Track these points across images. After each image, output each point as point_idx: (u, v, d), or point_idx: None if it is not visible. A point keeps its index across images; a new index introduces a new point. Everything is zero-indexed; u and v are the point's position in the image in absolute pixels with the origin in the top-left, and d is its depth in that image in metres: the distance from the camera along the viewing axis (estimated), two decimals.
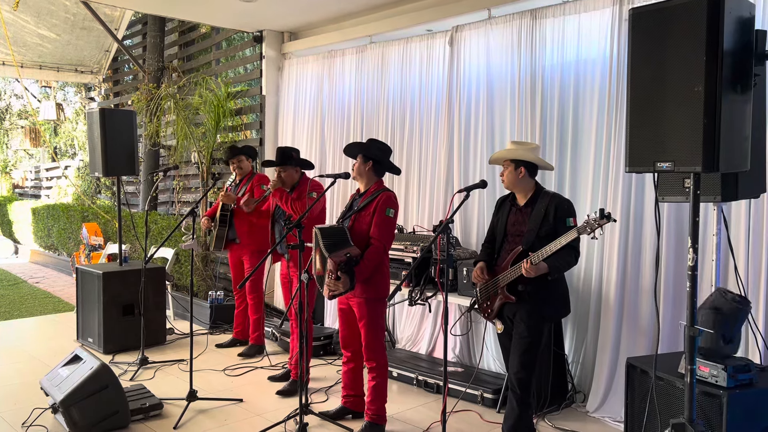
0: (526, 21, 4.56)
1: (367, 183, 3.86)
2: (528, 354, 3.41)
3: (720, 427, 2.64)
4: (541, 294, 3.41)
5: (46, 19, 8.37)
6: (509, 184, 3.55)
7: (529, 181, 3.53)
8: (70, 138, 14.22)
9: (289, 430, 3.75)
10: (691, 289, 2.43)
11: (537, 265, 3.32)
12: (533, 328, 3.41)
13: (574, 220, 3.40)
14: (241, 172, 5.49)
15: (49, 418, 3.93)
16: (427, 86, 5.36)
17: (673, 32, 2.27)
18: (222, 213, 5.33)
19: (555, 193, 3.54)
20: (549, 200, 3.45)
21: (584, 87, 4.32)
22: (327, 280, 3.64)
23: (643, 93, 2.37)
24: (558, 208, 3.41)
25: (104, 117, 5.60)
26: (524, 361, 3.41)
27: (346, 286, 3.59)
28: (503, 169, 3.56)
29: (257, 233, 5.29)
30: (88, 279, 5.70)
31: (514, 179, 3.52)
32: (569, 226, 3.34)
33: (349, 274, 3.57)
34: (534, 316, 3.42)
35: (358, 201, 3.87)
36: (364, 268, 3.65)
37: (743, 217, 3.50)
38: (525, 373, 3.41)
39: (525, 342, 3.42)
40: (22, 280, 9.46)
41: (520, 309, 3.45)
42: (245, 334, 5.59)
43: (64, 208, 10.57)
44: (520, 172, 3.49)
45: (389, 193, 3.81)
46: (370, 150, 3.86)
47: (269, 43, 6.77)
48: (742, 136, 2.36)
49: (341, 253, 3.58)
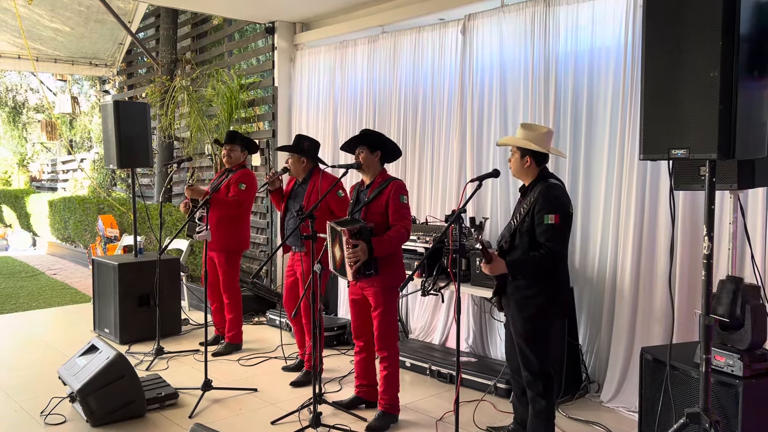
0: (539, 8, 4.51)
1: (373, 173, 3.86)
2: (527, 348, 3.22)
3: (735, 416, 2.62)
4: (520, 294, 3.20)
5: (59, 12, 8.43)
6: (515, 172, 3.35)
7: (535, 169, 3.27)
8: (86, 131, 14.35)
9: (303, 419, 3.78)
10: (706, 277, 2.40)
11: (492, 264, 3.15)
12: (525, 321, 3.21)
13: (555, 218, 3.08)
14: (230, 161, 5.17)
15: (67, 407, 3.98)
16: (439, 76, 5.32)
17: (688, 17, 2.23)
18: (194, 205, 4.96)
19: (549, 183, 3.22)
20: (539, 191, 3.18)
21: (598, 75, 4.27)
22: (346, 253, 3.55)
23: (657, 79, 2.33)
24: (538, 201, 3.14)
25: (118, 109, 5.63)
26: (526, 355, 3.23)
27: (365, 253, 3.53)
28: (511, 154, 3.36)
29: (228, 232, 5.07)
30: (104, 270, 5.76)
31: (519, 167, 3.29)
32: (547, 223, 3.09)
33: (365, 240, 3.54)
34: (519, 310, 3.22)
35: (365, 192, 3.86)
36: (386, 243, 3.62)
37: (760, 205, 3.45)
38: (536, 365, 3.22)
39: (520, 336, 3.25)
40: (40, 271, 9.59)
41: (510, 302, 3.29)
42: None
43: (80, 200, 10.68)
44: (526, 162, 3.26)
45: (399, 182, 3.82)
46: (374, 139, 3.84)
47: (281, 34, 6.77)
48: (759, 122, 2.32)
49: (354, 225, 3.58)
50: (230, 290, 5.24)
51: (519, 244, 3.22)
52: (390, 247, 3.66)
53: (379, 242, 3.61)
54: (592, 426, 3.80)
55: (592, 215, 4.32)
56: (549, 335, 3.28)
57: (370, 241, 3.58)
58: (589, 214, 4.32)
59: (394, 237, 3.68)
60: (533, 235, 3.16)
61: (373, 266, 3.60)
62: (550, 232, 3.11)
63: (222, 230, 5.04)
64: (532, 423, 3.32)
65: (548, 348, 3.29)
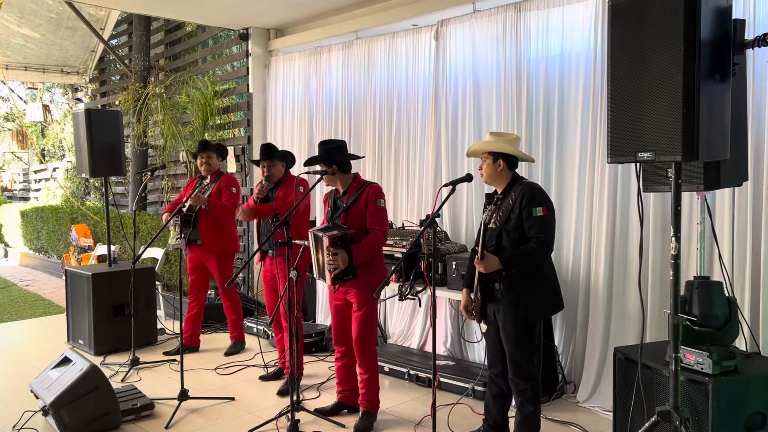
0: (510, 14, 4.56)
1: (344, 182, 3.89)
2: (519, 353, 3.26)
3: (706, 413, 2.66)
4: (514, 291, 3.23)
5: (29, 18, 8.30)
6: (488, 178, 3.37)
7: (508, 173, 3.35)
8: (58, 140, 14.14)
9: (281, 427, 3.76)
10: (674, 277, 2.45)
11: (484, 261, 3.18)
12: (517, 325, 3.25)
13: (543, 210, 3.19)
14: (208, 169, 5.28)
15: (39, 420, 3.91)
16: (413, 81, 5.36)
17: (651, 23, 2.28)
18: (187, 213, 5.14)
19: (529, 182, 3.35)
20: (520, 190, 3.26)
21: (569, 79, 4.33)
22: (326, 260, 3.62)
23: (623, 84, 2.38)
24: (524, 197, 3.22)
25: (90, 118, 5.57)
26: (517, 361, 3.27)
27: (345, 261, 3.59)
28: (482, 162, 3.38)
29: (222, 237, 5.23)
30: (77, 281, 5.67)
31: (492, 172, 3.33)
32: (535, 216, 3.17)
33: (345, 249, 3.59)
34: (512, 314, 3.24)
35: (342, 199, 3.89)
36: (364, 250, 3.68)
37: (727, 206, 3.52)
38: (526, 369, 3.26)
39: (511, 341, 3.27)
40: (12, 283, 9.40)
41: (500, 308, 3.30)
42: (194, 339, 5.53)
43: (53, 210, 10.52)
44: (499, 165, 3.31)
45: (376, 186, 3.87)
46: (334, 158, 3.82)
47: (255, 40, 6.75)
48: (722, 124, 2.38)
49: (335, 232, 3.62)
50: (229, 293, 5.39)
51: (506, 243, 3.25)
52: (369, 254, 3.73)
53: (358, 250, 3.67)
54: (569, 426, 3.84)
55: (565, 217, 4.37)
56: (537, 337, 3.34)
57: (350, 248, 3.63)
58: (562, 217, 4.37)
59: (372, 243, 3.74)
60: (521, 232, 3.22)
61: (351, 272, 3.65)
62: (540, 224, 3.19)
63: (219, 236, 5.22)
64: (519, 428, 3.36)
65: (538, 350, 3.35)
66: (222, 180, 5.27)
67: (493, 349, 3.48)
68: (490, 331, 3.44)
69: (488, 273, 3.25)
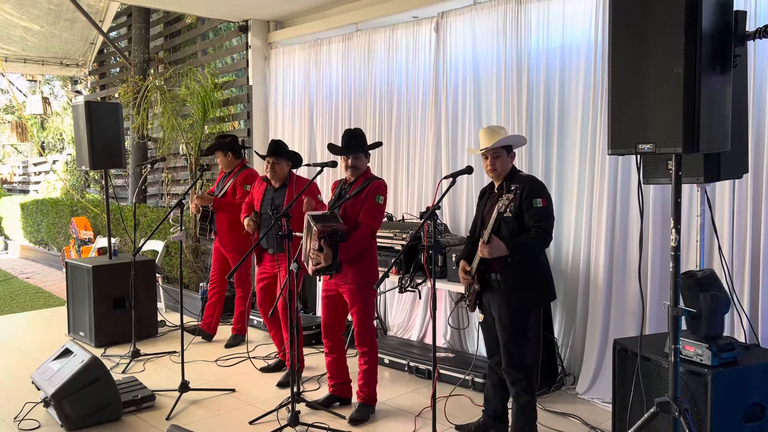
0: (511, 6, 4.54)
1: (356, 173, 3.90)
2: (514, 343, 3.30)
3: (705, 404, 2.67)
4: (511, 281, 3.27)
5: (28, 10, 8.27)
6: (501, 173, 3.39)
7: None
8: (57, 132, 14.11)
9: (282, 419, 3.77)
10: (674, 269, 2.45)
11: (491, 244, 3.21)
12: (513, 316, 3.29)
13: (543, 201, 3.28)
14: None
15: (41, 411, 3.93)
16: (413, 73, 5.34)
17: (652, 15, 2.27)
18: (204, 207, 5.30)
19: (527, 175, 3.47)
20: (520, 182, 3.31)
21: (569, 71, 4.32)
22: (311, 252, 3.66)
23: (623, 76, 2.37)
24: (525, 189, 3.28)
25: (90, 110, 5.56)
26: (512, 351, 3.30)
27: (328, 260, 3.61)
28: (493, 158, 3.37)
29: (235, 233, 5.16)
30: (78, 273, 5.68)
31: (507, 166, 3.41)
32: (536, 207, 3.25)
33: (331, 247, 3.61)
34: (508, 304, 3.29)
35: (347, 190, 3.90)
36: (351, 247, 3.70)
37: (727, 198, 3.52)
38: (520, 359, 3.31)
39: (506, 332, 3.31)
40: (13, 275, 9.41)
41: (495, 298, 3.35)
42: (212, 327, 5.61)
43: (53, 202, 10.51)
44: (513, 156, 3.45)
45: (380, 182, 3.88)
46: (364, 145, 3.89)
47: (255, 32, 6.73)
48: (723, 116, 2.37)
49: (328, 225, 3.63)
50: (244, 284, 5.45)
51: (505, 232, 3.30)
52: (354, 251, 3.73)
53: (345, 248, 3.68)
54: (568, 418, 3.85)
55: (565, 209, 4.37)
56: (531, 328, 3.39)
57: (337, 246, 3.64)
58: (563, 208, 4.37)
59: (359, 240, 3.74)
60: (521, 222, 3.28)
61: (333, 268, 3.69)
62: (540, 213, 3.27)
63: (235, 233, 5.17)
64: (517, 419, 3.39)
65: (531, 341, 3.39)
66: (240, 175, 5.26)
67: (490, 338, 3.53)
68: (486, 321, 3.49)
69: (486, 263, 3.31)
